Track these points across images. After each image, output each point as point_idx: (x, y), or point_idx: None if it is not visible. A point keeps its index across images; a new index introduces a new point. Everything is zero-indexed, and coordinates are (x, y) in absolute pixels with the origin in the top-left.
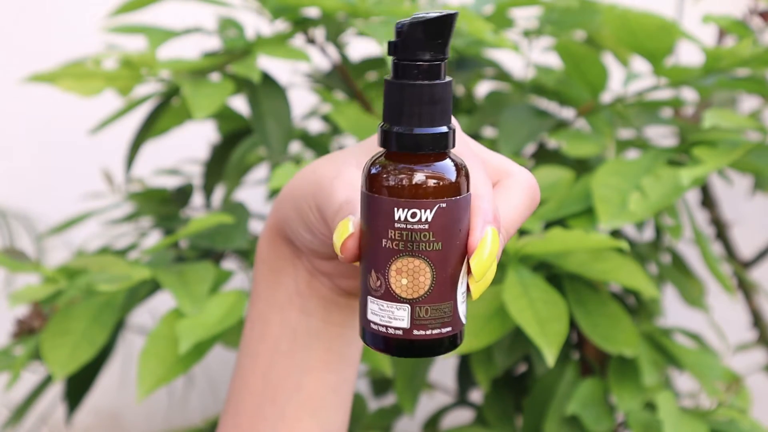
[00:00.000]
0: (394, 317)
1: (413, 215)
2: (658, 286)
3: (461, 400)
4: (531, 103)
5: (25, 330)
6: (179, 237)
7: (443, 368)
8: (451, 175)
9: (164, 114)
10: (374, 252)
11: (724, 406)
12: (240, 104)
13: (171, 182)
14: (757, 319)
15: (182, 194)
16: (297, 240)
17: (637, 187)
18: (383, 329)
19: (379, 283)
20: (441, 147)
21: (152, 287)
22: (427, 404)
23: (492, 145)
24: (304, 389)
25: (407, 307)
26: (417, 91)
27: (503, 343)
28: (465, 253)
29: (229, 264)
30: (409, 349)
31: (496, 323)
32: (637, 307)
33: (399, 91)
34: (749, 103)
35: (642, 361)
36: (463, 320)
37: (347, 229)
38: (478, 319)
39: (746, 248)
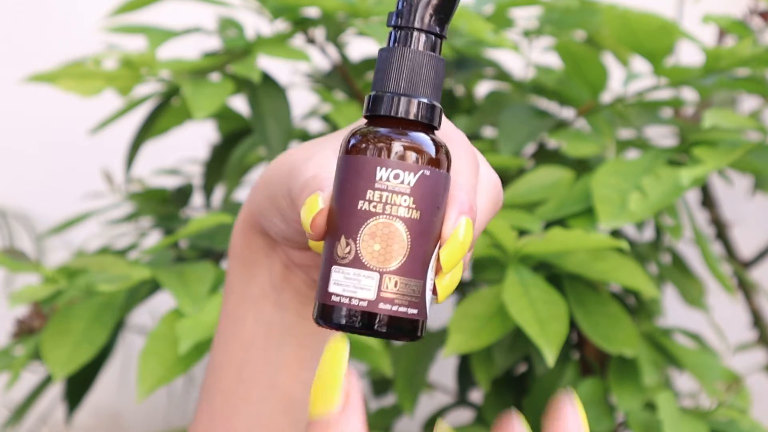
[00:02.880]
0: (361, 286)
1: (396, 176)
2: (658, 286)
3: (461, 400)
4: (531, 103)
5: (25, 330)
6: (179, 237)
7: (443, 368)
8: (435, 149)
9: (164, 114)
10: (347, 216)
11: (724, 406)
12: (240, 104)
13: (171, 182)
14: (757, 319)
15: (182, 194)
16: (271, 230)
17: (637, 187)
18: (346, 300)
19: (348, 249)
20: (428, 119)
21: (152, 287)
22: (427, 404)
23: (492, 145)
24: (278, 387)
25: (376, 276)
26: (411, 56)
27: (503, 343)
28: (439, 238)
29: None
30: (370, 324)
31: (496, 323)
32: (637, 307)
33: (392, 57)
34: (749, 103)
35: (642, 361)
36: (428, 312)
37: (316, 203)
38: (478, 319)
39: (746, 248)
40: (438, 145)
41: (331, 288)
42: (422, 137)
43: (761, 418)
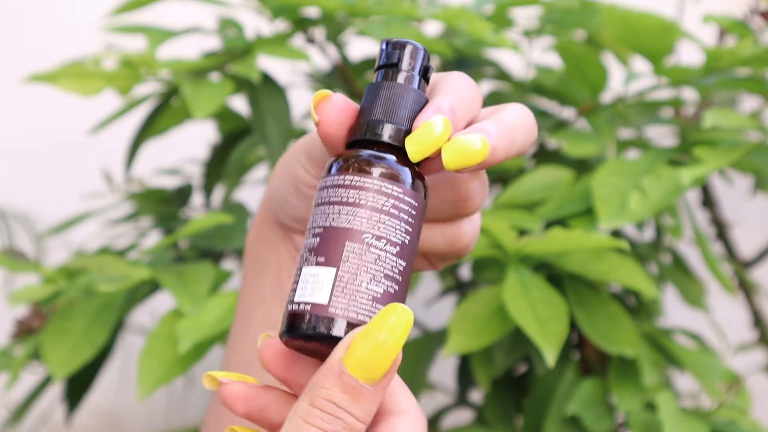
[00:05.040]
0: None
1: None
2: (658, 286)
3: (461, 400)
4: (531, 103)
5: (24, 330)
6: (179, 237)
7: (443, 368)
8: None
9: (164, 114)
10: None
11: (725, 406)
12: (240, 104)
13: (171, 182)
14: (757, 320)
15: (182, 194)
16: (285, 213)
17: (637, 187)
18: None
19: None
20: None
21: (152, 287)
22: (427, 404)
23: None
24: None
25: None
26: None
27: (503, 343)
28: None
29: (228, 264)
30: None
31: (496, 323)
32: (637, 307)
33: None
34: (749, 103)
35: (642, 361)
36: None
37: (325, 93)
38: (478, 319)
39: (746, 248)
40: None
41: None
42: None
43: (761, 418)
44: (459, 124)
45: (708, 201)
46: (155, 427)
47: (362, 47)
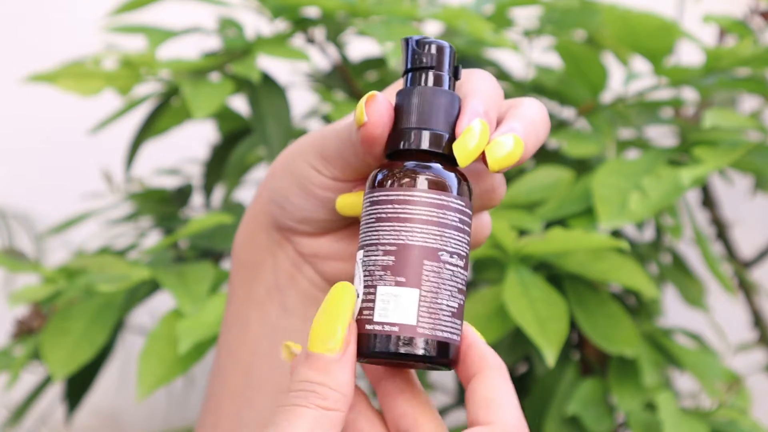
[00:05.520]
0: None
1: None
2: (658, 286)
3: (461, 400)
4: None
5: (24, 330)
6: (179, 237)
7: None
8: None
9: (164, 114)
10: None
11: (725, 406)
12: (240, 104)
13: (171, 182)
14: (757, 320)
15: (182, 194)
16: (288, 215)
17: (637, 187)
18: None
19: None
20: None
21: (152, 287)
22: None
23: None
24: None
25: None
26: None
27: (503, 343)
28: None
29: (228, 264)
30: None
31: (496, 323)
32: (637, 307)
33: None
34: (749, 103)
35: (642, 361)
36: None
37: (373, 94)
38: (478, 319)
39: (747, 248)
40: None
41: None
42: None
43: (761, 418)
44: (493, 125)
45: (708, 201)
46: (155, 427)
47: (362, 47)
